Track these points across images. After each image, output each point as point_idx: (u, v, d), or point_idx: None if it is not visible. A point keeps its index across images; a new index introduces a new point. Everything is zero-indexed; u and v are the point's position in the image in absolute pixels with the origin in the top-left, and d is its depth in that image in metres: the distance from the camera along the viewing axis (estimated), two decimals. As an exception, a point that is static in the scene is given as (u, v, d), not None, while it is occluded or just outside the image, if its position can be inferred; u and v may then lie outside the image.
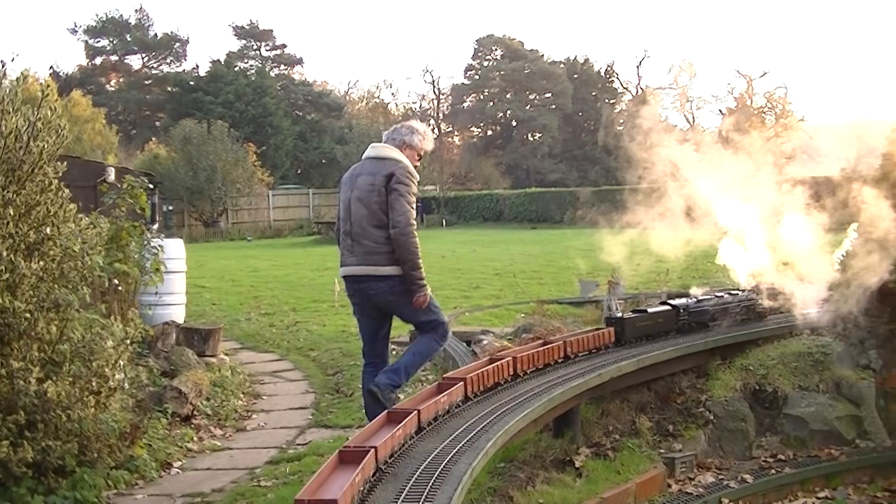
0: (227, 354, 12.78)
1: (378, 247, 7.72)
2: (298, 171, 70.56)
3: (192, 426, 9.77)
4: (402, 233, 7.60)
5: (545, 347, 8.04)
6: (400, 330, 14.61)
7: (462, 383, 6.67)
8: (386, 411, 5.87)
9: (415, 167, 8.04)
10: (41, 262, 7.17)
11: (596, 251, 25.67)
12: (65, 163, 7.75)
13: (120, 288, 9.49)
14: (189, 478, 8.32)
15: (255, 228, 51.87)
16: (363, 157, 8.09)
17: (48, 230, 7.30)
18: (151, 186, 12.04)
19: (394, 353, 13.02)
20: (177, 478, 8.33)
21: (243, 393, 11.40)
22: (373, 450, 4.79)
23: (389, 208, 7.67)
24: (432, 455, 5.11)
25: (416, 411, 5.72)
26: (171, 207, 46.17)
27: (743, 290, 10.07)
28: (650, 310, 9.40)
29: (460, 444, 5.26)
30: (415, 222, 7.72)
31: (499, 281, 21.56)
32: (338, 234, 8.11)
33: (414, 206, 7.76)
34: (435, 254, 31.27)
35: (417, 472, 4.75)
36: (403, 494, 4.41)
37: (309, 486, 4.28)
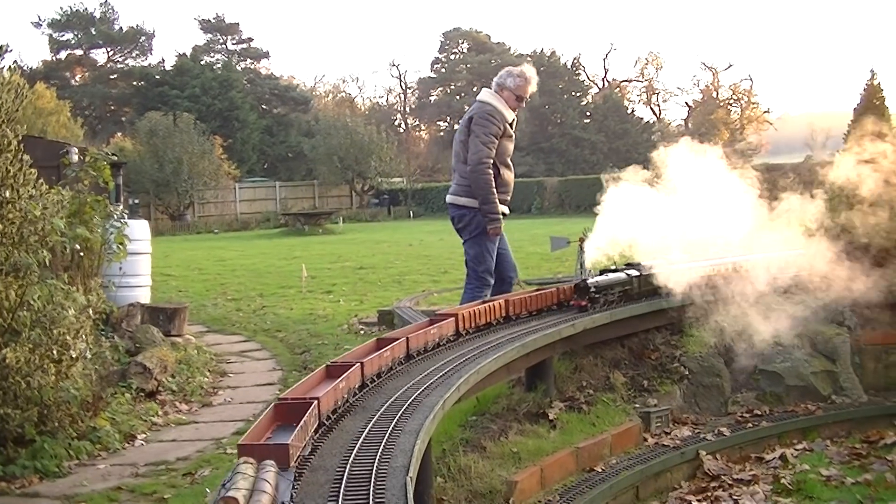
0: (193, 337, 12.61)
1: (460, 179, 8.90)
2: (265, 165, 70.34)
3: (157, 401, 9.60)
4: (473, 170, 8.66)
5: (538, 293, 8.03)
6: (368, 311, 14.61)
7: (453, 319, 6.70)
8: (376, 338, 5.96)
9: (514, 108, 8.98)
10: (-1, 226, 7.01)
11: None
12: (24, 126, 7.59)
13: (82, 255, 9.30)
14: (153, 448, 8.16)
15: (222, 221, 51.61)
16: None
17: (7, 193, 7.12)
18: (115, 158, 11.82)
19: (362, 332, 13.05)
20: (141, 449, 8.17)
21: (209, 371, 11.23)
22: (359, 364, 4.77)
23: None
24: (406, 387, 5.05)
25: (405, 338, 5.75)
26: (136, 200, 45.84)
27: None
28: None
29: (432, 380, 5.17)
30: (487, 160, 8.65)
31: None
32: None
33: (490, 145, 8.67)
34: (402, 242, 31.30)
35: (387, 403, 4.65)
36: (373, 420, 4.30)
37: (293, 390, 4.29)
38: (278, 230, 44.73)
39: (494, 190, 8.70)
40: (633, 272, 8.42)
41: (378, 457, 3.68)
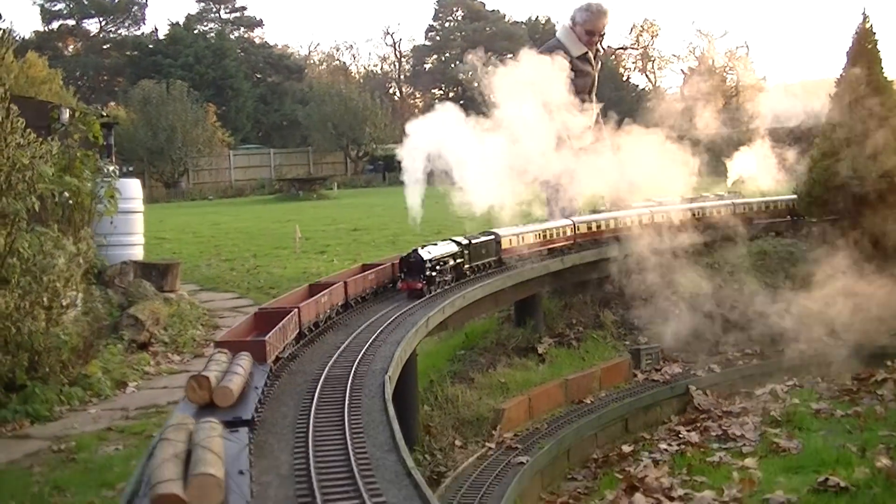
0: (186, 293, 12.62)
1: None
2: (260, 133, 70.04)
3: (150, 352, 9.64)
4: None
5: None
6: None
7: None
8: (361, 263, 6.01)
9: (589, 43, 9.49)
10: (-14, 172, 7.00)
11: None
12: (11, 75, 7.57)
13: (71, 203, 9.28)
14: (144, 395, 8.19)
15: (217, 188, 51.45)
16: None
17: (-7, 140, 7.12)
18: (105, 116, 11.77)
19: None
20: (132, 395, 8.20)
21: (202, 324, 11.26)
22: (343, 283, 4.78)
23: None
24: (389, 308, 5.06)
25: (391, 264, 5.80)
26: (131, 168, 45.60)
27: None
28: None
29: (415, 303, 5.19)
30: None
31: (468, 224, 21.44)
32: None
33: None
34: (397, 206, 31.12)
35: (370, 321, 4.66)
36: (355, 334, 4.31)
37: (277, 301, 4.30)
38: (273, 196, 44.64)
39: None
40: (463, 240, 7.63)
41: (357, 361, 3.70)
